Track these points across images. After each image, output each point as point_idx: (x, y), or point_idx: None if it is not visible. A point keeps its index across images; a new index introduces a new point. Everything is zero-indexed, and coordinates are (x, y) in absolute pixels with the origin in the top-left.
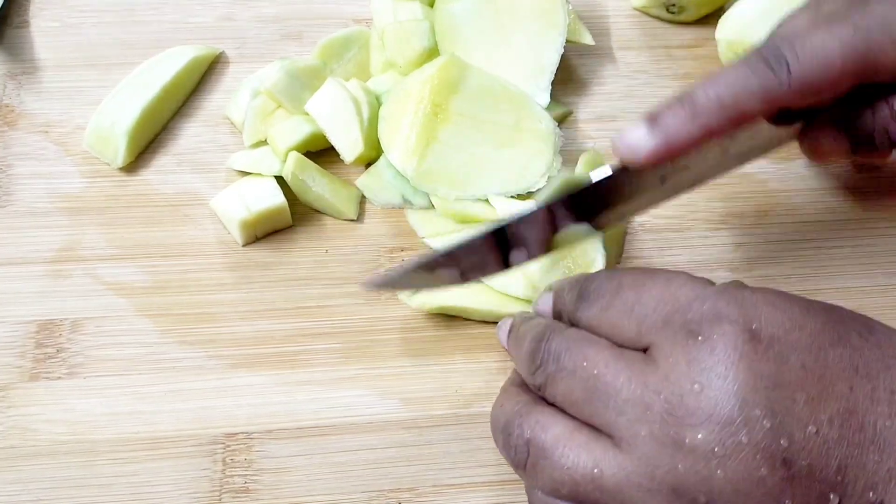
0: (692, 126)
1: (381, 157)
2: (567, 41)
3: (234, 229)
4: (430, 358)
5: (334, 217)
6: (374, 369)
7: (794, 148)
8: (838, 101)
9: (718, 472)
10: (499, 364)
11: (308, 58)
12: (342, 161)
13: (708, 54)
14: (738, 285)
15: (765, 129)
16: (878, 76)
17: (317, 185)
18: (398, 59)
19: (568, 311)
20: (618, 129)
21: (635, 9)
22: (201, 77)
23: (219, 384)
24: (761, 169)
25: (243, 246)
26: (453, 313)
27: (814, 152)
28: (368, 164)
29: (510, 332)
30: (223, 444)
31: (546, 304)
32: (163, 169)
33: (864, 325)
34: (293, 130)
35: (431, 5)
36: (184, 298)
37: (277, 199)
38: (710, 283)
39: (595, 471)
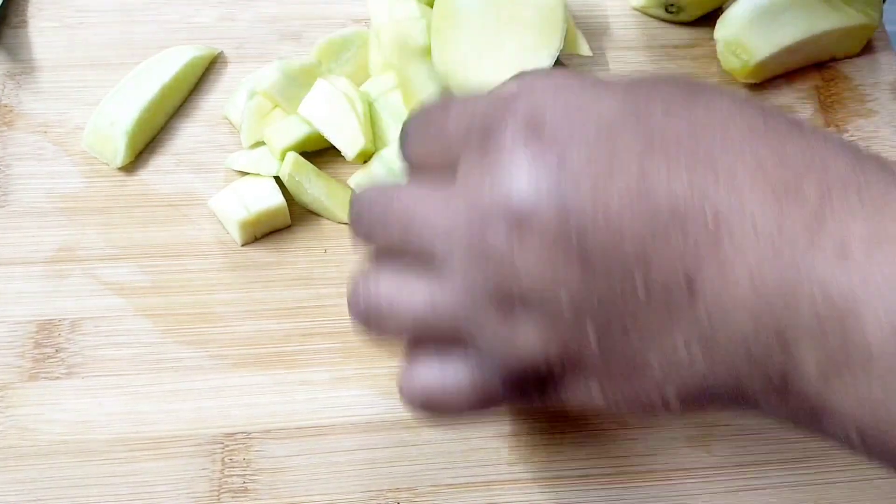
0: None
1: (374, 155)
2: (563, 52)
3: (232, 229)
4: None
5: (322, 223)
6: (373, 369)
7: None
8: None
9: (520, 266)
10: None
11: (305, 58)
12: (342, 161)
13: (706, 54)
14: (531, 78)
15: None
16: None
17: (313, 186)
18: (394, 59)
19: (400, 150)
20: None
21: (634, 9)
22: (200, 77)
23: (218, 384)
24: None
25: (242, 246)
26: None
27: None
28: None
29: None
30: (222, 443)
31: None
32: (162, 169)
33: (677, 99)
34: (290, 130)
35: (431, 5)
36: (183, 298)
37: (276, 199)
38: (513, 85)
39: (425, 306)
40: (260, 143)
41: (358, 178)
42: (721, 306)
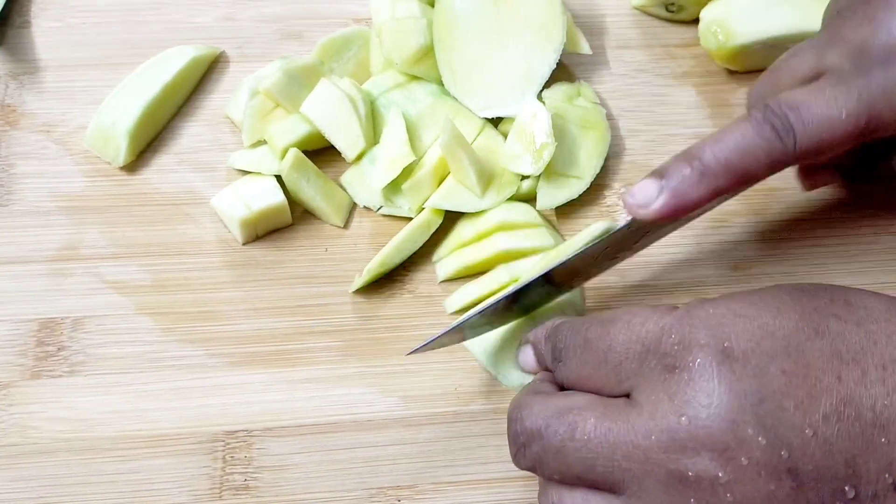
0: (701, 187)
1: (365, 155)
2: (564, 51)
3: (234, 228)
4: (430, 356)
5: (323, 221)
6: (374, 367)
7: None
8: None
9: (728, 496)
10: None
11: (306, 57)
12: (342, 160)
13: (707, 53)
14: (699, 304)
15: None
16: (876, 137)
17: (310, 185)
18: (395, 57)
19: (548, 365)
20: (618, 128)
21: (634, 8)
22: (202, 77)
23: (219, 382)
24: None
25: (243, 244)
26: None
27: (810, 186)
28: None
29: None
30: (223, 441)
31: (528, 358)
32: (163, 168)
33: (840, 306)
34: (292, 129)
35: (431, 4)
36: (184, 297)
37: (277, 197)
38: (672, 308)
39: None
40: (261, 143)
41: (349, 177)
42: None
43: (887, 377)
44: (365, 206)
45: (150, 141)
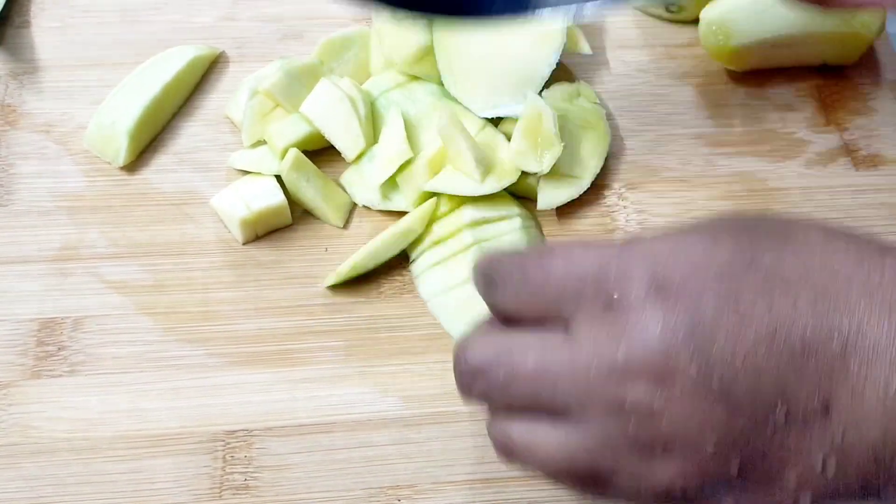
0: None
1: (364, 154)
2: (564, 51)
3: (234, 228)
4: (430, 356)
5: (323, 221)
6: (374, 367)
7: (794, 146)
8: None
9: (663, 422)
10: None
11: (306, 57)
12: (342, 160)
13: (707, 53)
14: (637, 239)
15: None
16: None
17: (310, 185)
18: (395, 57)
19: (481, 296)
20: (618, 128)
21: (635, 8)
22: (202, 77)
23: (219, 382)
24: (760, 168)
25: (243, 244)
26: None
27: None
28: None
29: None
30: (223, 441)
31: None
32: (163, 168)
33: (777, 237)
34: (291, 128)
35: None
36: (184, 297)
37: (277, 197)
38: (611, 243)
39: (565, 461)
40: (261, 143)
41: (349, 177)
42: (854, 422)
43: (818, 306)
44: (364, 206)
45: (149, 141)
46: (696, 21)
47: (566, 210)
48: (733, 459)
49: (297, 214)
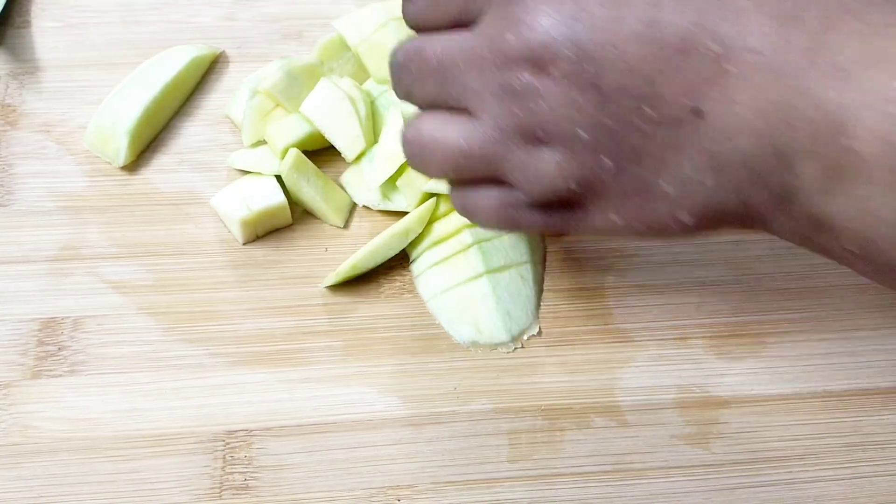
0: None
1: (364, 154)
2: None
3: (234, 228)
4: (430, 355)
5: (323, 221)
6: (374, 367)
7: None
8: None
9: (543, 104)
10: (498, 362)
11: (306, 57)
12: (342, 160)
13: None
14: None
15: None
16: None
17: (310, 185)
18: (382, 74)
19: (404, 16)
20: None
21: None
22: (202, 76)
23: (219, 382)
24: None
25: (244, 244)
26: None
27: None
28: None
29: None
30: (223, 441)
31: None
32: (164, 168)
33: None
34: (292, 128)
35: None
36: (184, 297)
37: (278, 197)
38: None
39: (461, 141)
40: (261, 142)
41: (349, 177)
42: (726, 129)
43: (702, 6)
44: (364, 206)
45: (150, 141)
46: None
47: None
48: (605, 152)
49: (297, 214)
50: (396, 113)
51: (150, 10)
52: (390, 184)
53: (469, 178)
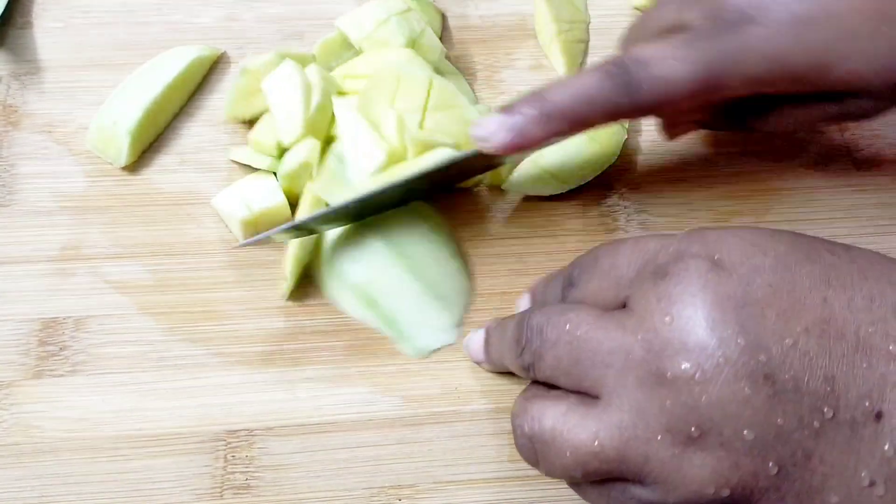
0: (542, 127)
1: (329, 154)
2: None
3: (235, 228)
4: (431, 356)
5: None
6: (375, 367)
7: (794, 146)
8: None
9: (703, 398)
10: None
11: (305, 51)
12: None
13: None
14: (699, 228)
15: None
16: (723, 97)
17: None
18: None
19: (554, 301)
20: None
21: (635, 8)
22: (203, 77)
23: (220, 381)
24: (761, 168)
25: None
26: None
27: (673, 136)
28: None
29: (486, 339)
30: (225, 441)
31: (524, 305)
32: (165, 168)
33: (836, 246)
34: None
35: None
36: (186, 296)
37: (277, 197)
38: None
39: (595, 444)
40: (237, 120)
41: (319, 186)
42: None
43: (874, 307)
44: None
45: (151, 141)
46: None
47: (566, 210)
48: (773, 455)
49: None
50: (351, 110)
51: (151, 11)
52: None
53: (596, 479)
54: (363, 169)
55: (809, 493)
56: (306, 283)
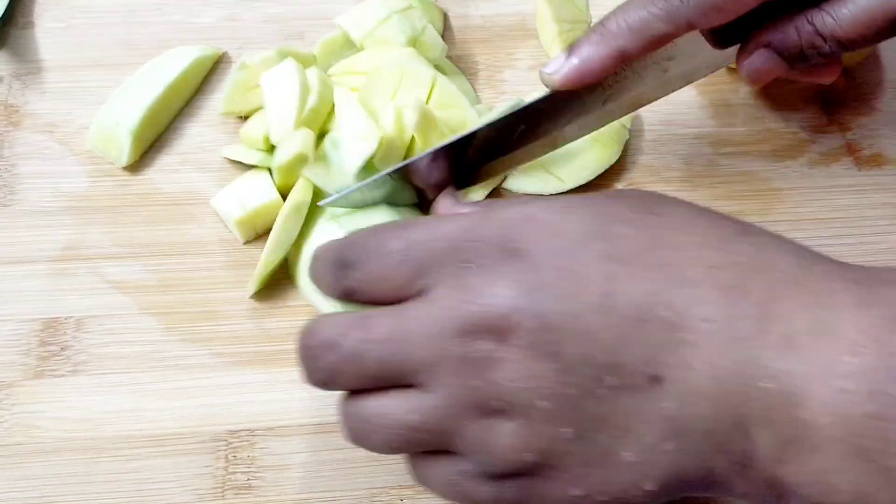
0: (604, 50)
1: (325, 139)
2: None
3: (232, 227)
4: None
5: None
6: None
7: (796, 146)
8: (761, 18)
9: (502, 378)
10: None
11: (306, 51)
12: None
13: None
14: (497, 205)
15: (703, 49)
16: None
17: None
18: (385, 61)
19: (331, 285)
20: None
21: None
22: (204, 77)
23: (221, 381)
24: (763, 167)
25: (244, 244)
26: None
27: (751, 73)
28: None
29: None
30: (226, 441)
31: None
32: (166, 168)
33: (639, 213)
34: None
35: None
36: (187, 296)
37: (271, 194)
38: (472, 208)
39: (410, 418)
40: (233, 114)
41: (313, 172)
42: (684, 396)
43: (656, 277)
44: None
45: (152, 141)
46: None
47: None
48: (566, 422)
49: None
50: (347, 91)
51: (152, 11)
52: (368, 168)
53: (418, 451)
54: (356, 153)
55: (606, 454)
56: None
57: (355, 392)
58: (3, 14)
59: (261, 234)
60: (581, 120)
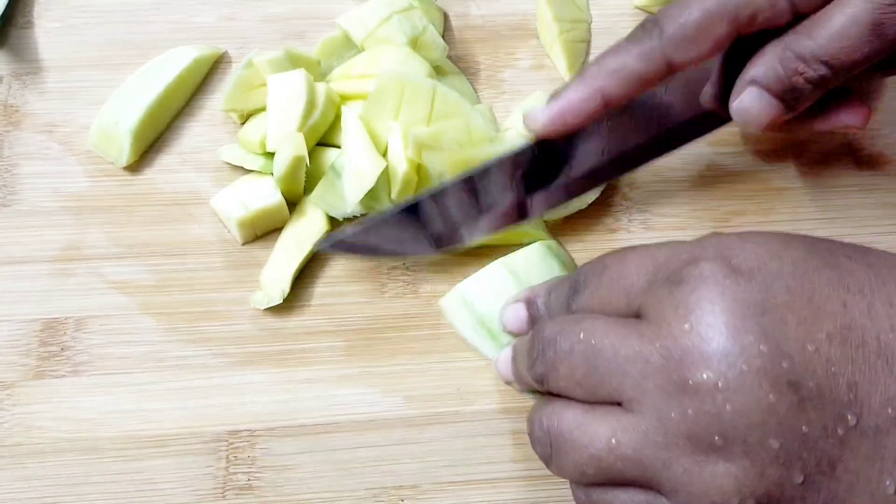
0: (585, 91)
1: (331, 164)
2: None
3: (232, 228)
4: (432, 356)
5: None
6: (377, 367)
7: (796, 146)
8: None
9: (727, 406)
10: None
11: (311, 53)
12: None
13: None
14: (711, 234)
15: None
16: (753, 27)
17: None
18: (384, 66)
19: (559, 310)
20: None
21: (637, 7)
22: (204, 77)
23: (222, 382)
24: (764, 168)
25: (244, 244)
26: None
27: (741, 114)
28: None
29: (513, 356)
30: (226, 441)
31: (517, 317)
32: (166, 168)
33: (854, 250)
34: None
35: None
36: (187, 297)
37: (275, 197)
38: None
39: (612, 441)
40: (234, 111)
41: (317, 195)
42: None
43: (893, 313)
44: (344, 219)
45: (152, 141)
46: None
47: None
48: (798, 464)
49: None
50: (355, 117)
51: (152, 11)
52: (371, 196)
53: (607, 481)
54: (355, 188)
55: (835, 499)
56: (306, 283)
57: (551, 398)
58: (3, 14)
59: (261, 236)
60: (580, 171)
